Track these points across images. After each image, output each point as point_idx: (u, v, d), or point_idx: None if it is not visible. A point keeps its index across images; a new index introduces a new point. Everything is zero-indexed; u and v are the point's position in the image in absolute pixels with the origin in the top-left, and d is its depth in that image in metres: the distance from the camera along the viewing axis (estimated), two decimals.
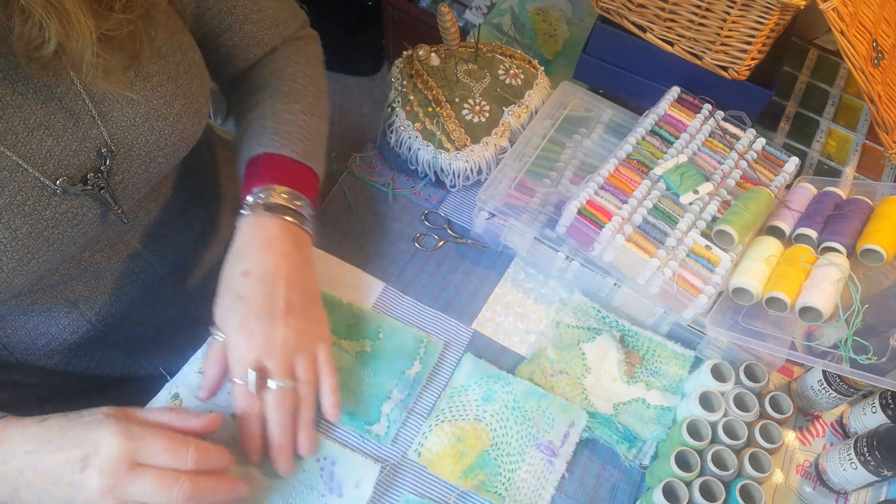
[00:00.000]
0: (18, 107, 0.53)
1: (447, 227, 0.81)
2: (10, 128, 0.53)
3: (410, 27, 1.78)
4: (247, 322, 0.60)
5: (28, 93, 0.54)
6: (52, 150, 0.56)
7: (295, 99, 0.73)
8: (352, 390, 0.68)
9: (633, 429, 0.68)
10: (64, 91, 0.56)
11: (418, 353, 0.71)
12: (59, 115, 0.56)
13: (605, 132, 0.83)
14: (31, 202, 0.55)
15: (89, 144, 0.58)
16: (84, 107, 0.57)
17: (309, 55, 0.78)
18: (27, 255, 0.56)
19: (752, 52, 0.79)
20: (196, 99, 0.65)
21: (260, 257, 0.62)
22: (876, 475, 0.64)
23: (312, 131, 0.72)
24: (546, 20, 1.05)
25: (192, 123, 0.65)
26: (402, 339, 0.72)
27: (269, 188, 0.65)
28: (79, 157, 0.57)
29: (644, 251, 0.69)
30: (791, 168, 0.80)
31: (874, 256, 0.69)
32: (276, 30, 0.74)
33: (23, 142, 0.54)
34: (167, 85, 0.61)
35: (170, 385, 0.67)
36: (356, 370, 0.69)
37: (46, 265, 0.59)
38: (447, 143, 0.80)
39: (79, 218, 0.59)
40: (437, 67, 0.84)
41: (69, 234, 0.59)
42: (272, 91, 0.72)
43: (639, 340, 0.75)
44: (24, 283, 0.58)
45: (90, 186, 0.58)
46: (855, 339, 0.63)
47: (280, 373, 0.60)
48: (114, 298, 0.72)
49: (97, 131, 0.58)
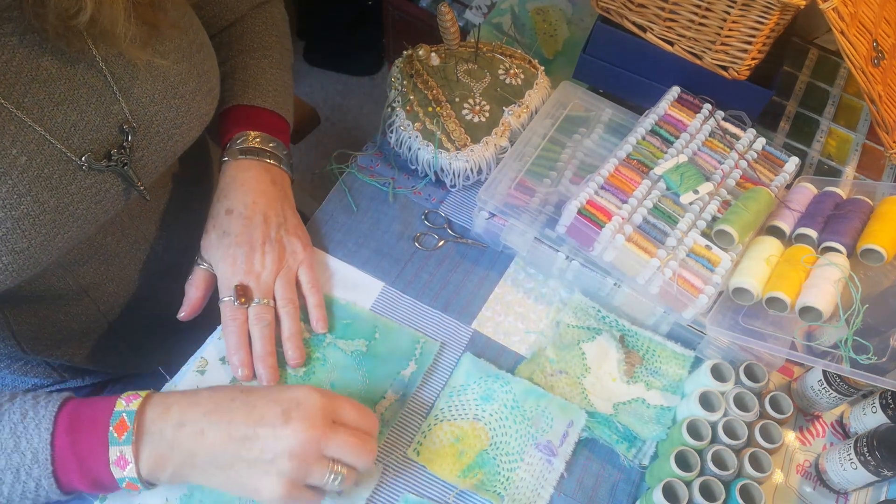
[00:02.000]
0: (44, 81, 0.54)
1: (447, 226, 0.81)
2: (36, 101, 0.54)
3: (410, 27, 1.78)
4: (230, 252, 0.68)
5: (52, 68, 0.55)
6: (77, 124, 0.57)
7: (263, 55, 0.79)
8: (346, 390, 0.68)
9: (632, 429, 0.68)
10: (86, 67, 0.57)
11: (414, 354, 0.71)
12: (82, 90, 0.57)
13: (605, 132, 0.83)
14: (57, 176, 0.56)
15: (111, 120, 0.59)
16: (105, 82, 0.58)
17: (274, 16, 0.84)
18: (54, 229, 0.57)
19: (752, 52, 0.79)
20: (209, 78, 0.68)
21: (240, 196, 0.70)
22: (876, 475, 0.64)
23: (280, 83, 0.79)
24: (546, 20, 1.05)
25: (206, 102, 0.68)
26: (398, 339, 0.72)
27: (244, 134, 0.73)
28: (101, 131, 0.59)
29: (644, 251, 0.69)
30: (791, 168, 0.80)
31: (874, 256, 0.69)
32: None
33: (49, 115, 0.55)
34: (182, 63, 0.64)
35: (169, 385, 0.67)
36: (351, 370, 0.69)
37: (71, 241, 0.59)
38: (447, 142, 0.80)
39: (102, 193, 0.60)
40: (437, 67, 0.84)
41: (93, 210, 0.60)
42: (240, 48, 0.79)
43: (639, 340, 0.75)
44: (48, 259, 0.58)
45: (114, 162, 0.60)
46: (855, 339, 0.63)
47: (260, 293, 0.68)
48: (121, 287, 0.73)
49: (118, 107, 0.60)
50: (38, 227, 0.55)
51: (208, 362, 0.68)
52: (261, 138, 0.73)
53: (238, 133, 0.73)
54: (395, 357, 0.71)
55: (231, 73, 0.76)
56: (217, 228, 0.69)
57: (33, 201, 0.54)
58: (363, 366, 0.70)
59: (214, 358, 0.68)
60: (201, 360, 0.68)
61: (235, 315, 0.66)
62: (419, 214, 0.82)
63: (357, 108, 2.10)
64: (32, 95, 0.54)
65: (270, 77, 0.78)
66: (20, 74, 0.53)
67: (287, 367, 0.68)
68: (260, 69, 0.78)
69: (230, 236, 0.68)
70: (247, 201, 0.70)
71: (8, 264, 0.55)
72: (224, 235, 0.68)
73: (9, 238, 0.54)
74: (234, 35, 0.79)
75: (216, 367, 0.68)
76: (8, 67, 0.52)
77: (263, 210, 0.70)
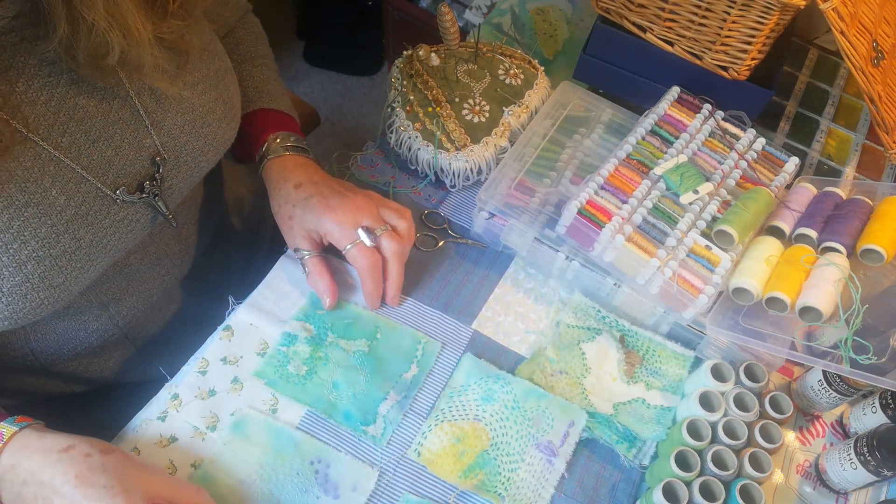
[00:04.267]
0: (80, 120, 0.56)
1: (447, 227, 0.81)
2: (73, 141, 0.56)
3: (410, 27, 1.78)
4: (327, 204, 0.68)
5: (89, 106, 0.57)
6: (112, 160, 0.59)
7: (262, 63, 0.82)
8: (349, 390, 0.68)
9: (632, 429, 0.68)
10: (120, 103, 0.59)
11: (416, 356, 0.71)
12: (117, 126, 0.59)
13: (605, 132, 0.83)
14: (93, 212, 0.58)
15: (144, 153, 0.61)
16: (138, 116, 0.60)
17: (256, 25, 0.87)
18: (88, 262, 0.59)
19: (752, 52, 0.79)
20: (233, 104, 0.70)
21: (300, 173, 0.72)
22: (876, 475, 0.64)
23: (283, 88, 0.84)
24: (546, 20, 1.05)
25: (231, 128, 0.70)
26: (399, 339, 0.72)
27: (279, 135, 0.75)
28: (134, 165, 0.61)
29: (644, 251, 0.69)
30: (791, 168, 0.80)
31: (874, 256, 0.69)
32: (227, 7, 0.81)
33: (85, 154, 0.57)
34: (210, 92, 0.66)
35: (169, 385, 0.67)
36: (353, 370, 0.69)
37: (101, 270, 0.61)
38: (447, 143, 0.80)
39: (133, 223, 0.62)
40: (437, 67, 0.84)
41: (123, 240, 0.62)
42: (238, 58, 0.81)
43: (639, 340, 0.75)
44: (80, 290, 0.60)
45: (146, 194, 0.62)
46: (855, 339, 0.63)
47: (377, 223, 0.69)
48: (139, 300, 0.74)
49: (150, 140, 0.61)
50: (73, 263, 0.57)
51: (209, 362, 0.68)
52: (294, 138, 0.76)
53: (272, 135, 0.75)
54: (397, 357, 0.71)
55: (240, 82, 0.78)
56: (298, 201, 0.69)
57: (71, 238, 0.56)
58: (365, 366, 0.70)
59: (215, 358, 0.68)
60: (202, 361, 0.68)
61: (373, 258, 0.68)
62: (419, 215, 0.82)
63: (357, 108, 2.10)
64: (70, 135, 0.55)
65: (275, 83, 0.82)
66: (59, 115, 0.54)
67: (287, 366, 0.68)
68: (264, 77, 0.81)
69: (314, 197, 0.69)
70: (310, 174, 0.72)
71: (45, 299, 0.56)
72: (308, 199, 0.69)
73: (47, 275, 0.55)
74: (229, 46, 0.81)
75: (217, 368, 0.68)
76: (47, 108, 0.54)
77: (325, 176, 0.72)
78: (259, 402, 0.67)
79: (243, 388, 0.67)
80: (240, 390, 0.67)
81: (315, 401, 0.67)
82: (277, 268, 0.75)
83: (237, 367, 0.68)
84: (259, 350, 0.70)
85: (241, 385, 0.67)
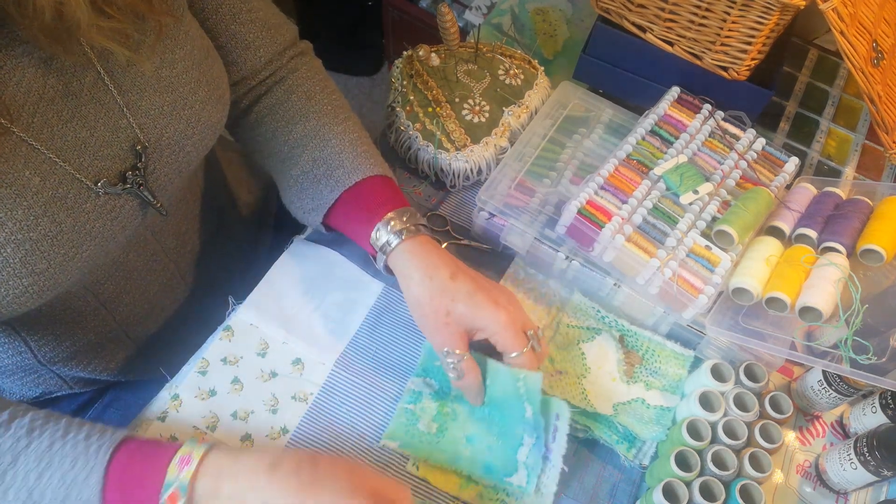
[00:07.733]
0: (51, 100, 0.54)
1: (450, 229, 0.81)
2: (45, 121, 0.54)
3: (410, 27, 1.78)
4: (496, 302, 0.63)
5: (59, 86, 0.54)
6: (87, 141, 0.56)
7: (345, 116, 0.74)
8: (485, 442, 0.66)
9: (632, 429, 0.68)
10: (92, 82, 0.56)
11: (520, 393, 0.65)
12: (89, 107, 0.56)
13: (605, 132, 0.83)
14: (72, 196, 0.56)
15: (121, 136, 0.58)
16: (111, 97, 0.57)
17: (318, 68, 0.78)
18: (72, 248, 0.57)
19: (752, 53, 0.79)
20: (219, 85, 0.66)
21: (446, 259, 0.66)
22: (876, 475, 0.64)
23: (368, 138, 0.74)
24: (546, 20, 1.05)
25: (217, 110, 0.66)
26: (503, 379, 0.66)
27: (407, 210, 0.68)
28: (112, 148, 0.58)
29: (644, 251, 0.69)
30: (791, 168, 0.80)
31: (874, 256, 0.69)
32: (268, 34, 0.72)
33: (59, 135, 0.55)
34: (192, 71, 0.62)
35: (170, 385, 0.67)
36: (482, 421, 0.67)
37: (91, 261, 0.59)
38: (447, 143, 0.80)
39: (118, 211, 0.60)
40: (437, 67, 0.84)
41: (110, 228, 0.60)
42: (316, 114, 0.73)
43: (638, 340, 0.75)
44: (68, 280, 0.58)
45: (129, 185, 0.59)
46: (855, 339, 0.63)
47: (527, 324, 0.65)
48: (138, 298, 0.73)
49: (126, 122, 0.58)
50: (56, 248, 0.55)
51: (209, 363, 0.68)
52: (409, 213, 0.68)
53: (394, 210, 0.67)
54: (509, 398, 0.66)
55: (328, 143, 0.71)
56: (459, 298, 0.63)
57: (50, 222, 0.55)
58: (493, 414, 0.67)
59: (215, 358, 0.68)
60: (202, 361, 0.68)
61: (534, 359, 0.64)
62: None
63: (357, 109, 2.08)
64: (41, 115, 0.53)
65: (366, 140, 0.73)
66: (29, 95, 0.53)
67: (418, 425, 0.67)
68: (360, 137, 0.73)
69: (478, 294, 0.63)
70: (456, 263, 0.66)
71: (29, 286, 0.55)
72: (472, 295, 0.63)
73: (28, 259, 0.54)
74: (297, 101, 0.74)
75: (217, 368, 0.68)
76: (18, 90, 0.52)
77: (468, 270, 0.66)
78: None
79: (243, 389, 0.67)
80: (240, 391, 0.67)
81: (453, 459, 0.65)
82: (278, 267, 0.75)
83: (237, 368, 0.68)
84: (259, 350, 0.70)
85: (241, 385, 0.67)
